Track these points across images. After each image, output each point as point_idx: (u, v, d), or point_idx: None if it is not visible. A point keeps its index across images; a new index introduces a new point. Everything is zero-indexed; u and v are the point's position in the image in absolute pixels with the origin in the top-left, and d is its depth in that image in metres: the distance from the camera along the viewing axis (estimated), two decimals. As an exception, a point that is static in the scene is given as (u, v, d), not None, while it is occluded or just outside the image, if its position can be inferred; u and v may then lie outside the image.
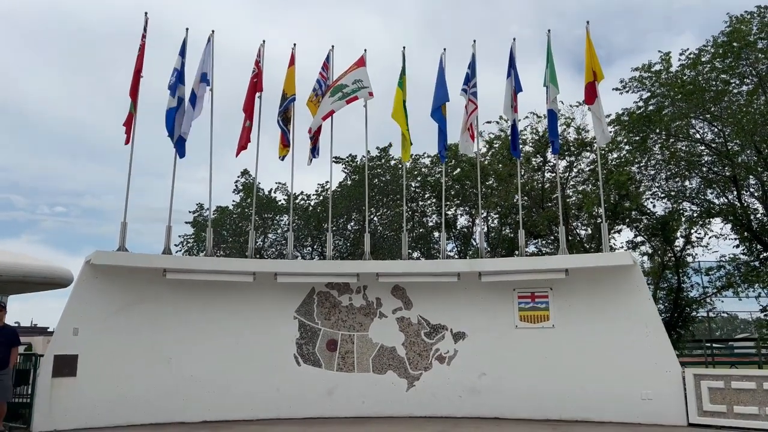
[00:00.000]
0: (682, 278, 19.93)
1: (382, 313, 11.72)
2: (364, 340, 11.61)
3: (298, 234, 23.77)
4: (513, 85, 12.01)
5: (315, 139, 12.08)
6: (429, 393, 11.29)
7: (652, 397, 10.16)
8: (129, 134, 10.77)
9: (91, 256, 10.16)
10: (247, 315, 11.26)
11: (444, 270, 11.40)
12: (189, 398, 10.62)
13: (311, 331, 11.56)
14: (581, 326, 10.89)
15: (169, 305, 10.82)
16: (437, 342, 11.56)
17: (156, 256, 10.64)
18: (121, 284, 10.44)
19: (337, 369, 11.43)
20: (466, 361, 11.36)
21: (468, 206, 22.26)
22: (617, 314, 10.67)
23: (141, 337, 10.52)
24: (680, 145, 18.62)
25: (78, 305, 10.12)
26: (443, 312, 11.64)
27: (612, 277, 10.71)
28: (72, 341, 9.97)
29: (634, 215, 19.38)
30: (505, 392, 11.01)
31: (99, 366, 10.08)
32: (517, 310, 11.38)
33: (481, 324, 11.46)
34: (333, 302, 11.74)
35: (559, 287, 11.16)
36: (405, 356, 11.53)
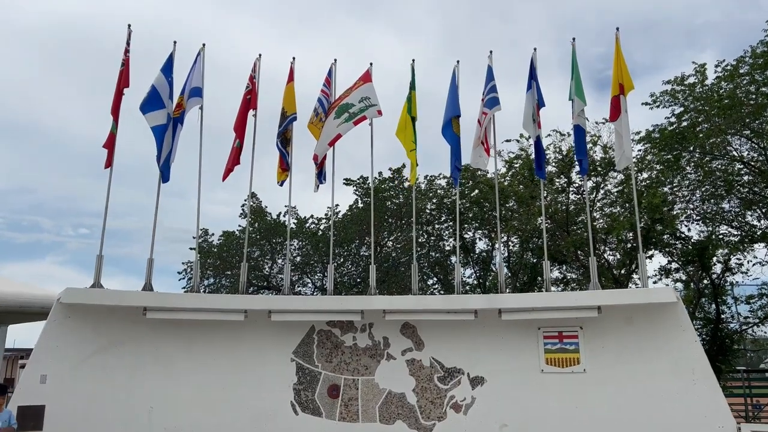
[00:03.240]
0: (720, 308, 18.36)
1: (390, 355, 10.46)
2: (369, 385, 10.34)
3: (308, 260, 22.66)
4: (535, 98, 10.82)
5: (321, 164, 10.98)
6: (443, 447, 9.96)
7: (703, 457, 8.73)
8: (110, 157, 9.77)
9: (62, 293, 9.10)
10: (238, 357, 10.08)
11: (459, 307, 10.13)
12: (171, 453, 9.43)
13: (310, 374, 10.33)
14: (616, 371, 9.52)
15: (149, 347, 9.69)
16: (452, 388, 10.24)
17: (134, 293, 9.54)
18: (96, 325, 9.36)
19: (340, 418, 10.16)
20: (485, 409, 10.02)
21: (487, 229, 20.98)
22: (658, 358, 9.29)
23: (118, 383, 9.39)
24: (716, 164, 17.21)
25: (48, 349, 9.05)
26: (459, 353, 10.34)
27: (652, 316, 9.36)
28: (39, 390, 8.89)
29: (667, 240, 17.94)
30: (530, 447, 9.64)
31: (69, 418, 8.96)
32: (543, 351, 10.05)
33: (501, 367, 10.13)
34: (335, 342, 10.51)
35: (590, 326, 9.81)
36: (416, 404, 10.22)
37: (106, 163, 9.72)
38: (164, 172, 10.00)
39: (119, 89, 9.92)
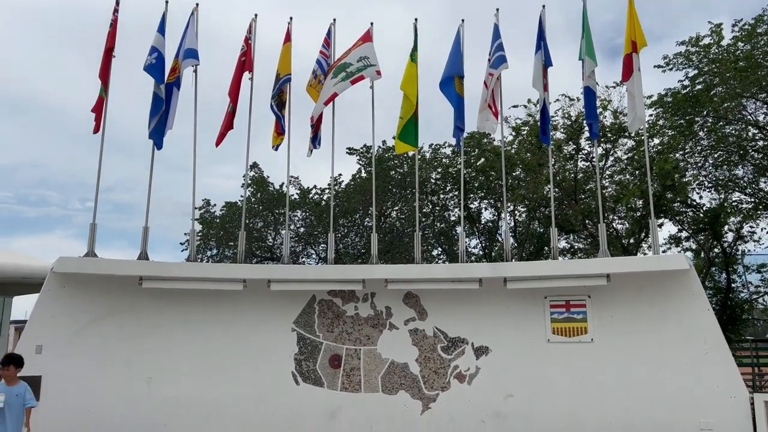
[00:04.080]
0: (731, 276, 18.01)
1: (393, 325, 10.22)
2: (372, 355, 10.13)
3: (311, 231, 22.40)
4: (543, 59, 10.35)
5: (316, 127, 10.58)
6: (446, 417, 9.77)
7: (713, 428, 8.49)
8: (99, 121, 9.43)
9: (55, 263, 8.86)
10: (237, 328, 9.88)
11: (463, 276, 9.84)
12: (171, 423, 9.30)
13: (312, 345, 10.12)
14: (625, 341, 9.24)
15: (147, 318, 9.49)
16: (456, 358, 10.02)
17: (128, 262, 9.30)
18: (91, 294, 9.14)
19: (342, 388, 9.98)
20: (489, 380, 9.81)
21: (493, 199, 20.59)
22: (669, 327, 9.00)
23: (115, 354, 9.22)
24: (730, 129, 16.68)
25: (42, 319, 8.86)
26: (463, 323, 10.09)
27: (663, 284, 9.04)
28: (35, 361, 8.69)
29: (678, 208, 17.52)
30: (535, 417, 9.44)
31: (66, 388, 8.82)
32: (549, 321, 9.77)
33: (506, 337, 9.89)
34: (336, 312, 10.28)
35: (599, 295, 9.51)
36: (419, 374, 10.02)
37: (94, 128, 9.38)
38: (156, 138, 9.65)
39: (107, 51, 9.52)
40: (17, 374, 7.17)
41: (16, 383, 7.09)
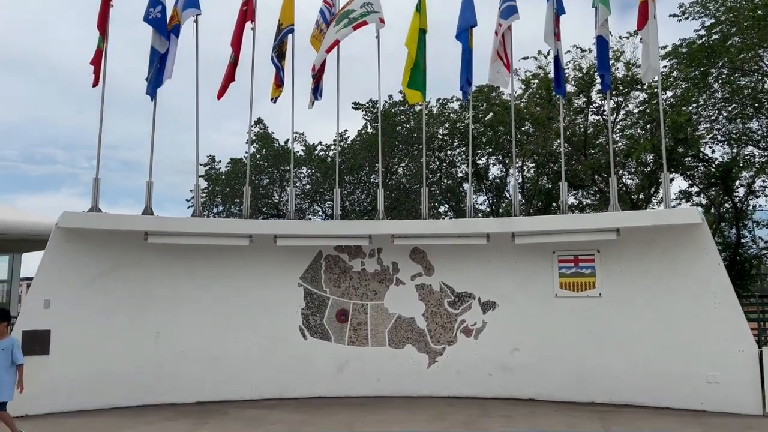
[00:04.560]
0: (741, 232, 17.79)
1: (399, 280, 10.19)
2: (378, 310, 10.14)
3: (317, 188, 22.24)
4: (554, 7, 9.97)
5: (318, 78, 10.32)
6: (453, 370, 9.84)
7: (720, 381, 8.49)
8: (98, 74, 9.21)
9: (60, 218, 8.80)
10: (244, 283, 9.87)
11: (471, 231, 9.74)
12: (179, 377, 9.39)
13: (319, 300, 10.13)
14: (634, 295, 9.18)
15: (153, 273, 9.47)
16: (463, 312, 10.01)
17: (133, 217, 9.22)
18: (97, 250, 9.10)
19: (349, 343, 10.04)
20: (496, 334, 9.83)
21: (501, 155, 20.29)
22: (679, 282, 8.90)
23: (123, 309, 9.23)
24: (745, 81, 16.19)
25: (49, 274, 8.83)
26: (470, 278, 10.05)
27: (674, 238, 8.90)
28: (43, 315, 8.73)
29: (689, 162, 17.20)
30: (541, 371, 9.48)
31: (75, 342, 8.86)
32: (557, 276, 9.71)
33: (513, 292, 9.85)
34: (343, 267, 10.24)
35: (608, 250, 9.40)
36: (426, 328, 10.04)
37: (93, 81, 9.17)
38: (151, 89, 9.41)
39: (105, 1, 9.22)
40: (5, 329, 6.91)
41: (4, 337, 6.89)
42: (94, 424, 7.82)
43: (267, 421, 8.07)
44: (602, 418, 8.06)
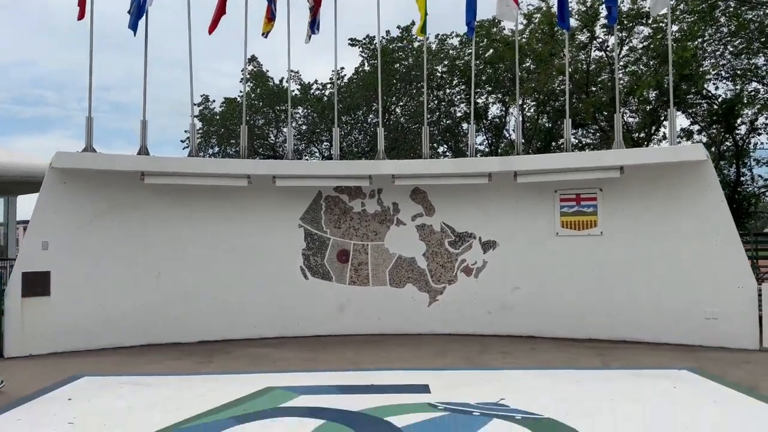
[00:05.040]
0: (741, 170, 17.72)
1: (400, 220, 10.13)
2: (379, 250, 10.12)
3: (314, 128, 21.91)
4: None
5: (315, 11, 9.91)
6: (454, 309, 9.92)
7: (718, 317, 8.57)
8: (84, 6, 8.79)
9: (53, 158, 8.61)
10: (244, 224, 9.79)
11: (472, 170, 9.60)
12: (182, 317, 9.43)
13: (319, 240, 10.09)
14: (636, 234, 9.15)
15: (151, 214, 9.36)
16: (463, 252, 10.00)
17: (129, 157, 9.03)
18: (93, 191, 8.95)
19: (350, 282, 10.07)
20: (496, 273, 9.86)
21: (500, 93, 19.92)
22: (681, 220, 8.86)
23: (122, 250, 9.17)
24: (753, 14, 15.73)
25: (45, 216, 8.71)
26: (470, 218, 9.99)
27: (678, 176, 8.80)
28: (42, 256, 8.67)
29: (692, 99, 16.93)
30: (541, 308, 9.56)
31: (76, 283, 8.84)
32: (559, 214, 9.65)
33: (514, 231, 9.82)
34: (343, 208, 10.15)
35: (610, 188, 9.31)
36: (426, 268, 10.05)
37: (79, 13, 8.76)
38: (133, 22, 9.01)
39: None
40: None
41: None
42: (100, 363, 7.89)
43: (271, 359, 8.17)
44: (601, 354, 8.18)
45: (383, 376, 6.79)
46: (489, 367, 7.44)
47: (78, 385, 6.54)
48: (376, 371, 7.12)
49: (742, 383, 6.33)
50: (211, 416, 5.21)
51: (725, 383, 6.29)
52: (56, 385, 6.50)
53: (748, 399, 5.69)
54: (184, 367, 7.63)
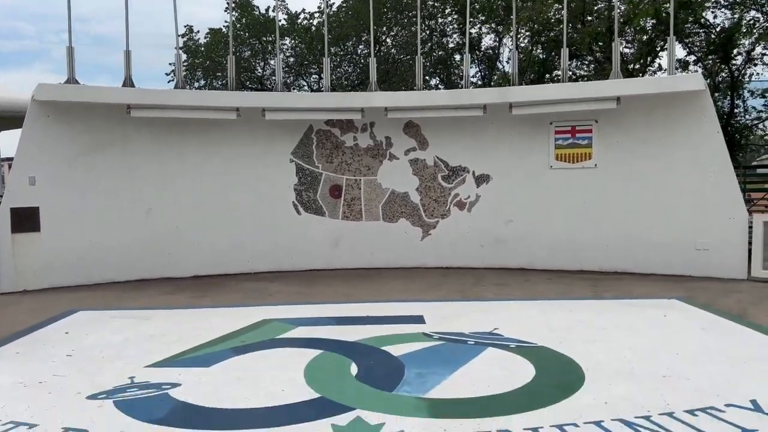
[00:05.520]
0: (735, 102, 17.57)
1: (393, 155, 10.00)
2: (372, 185, 10.04)
3: (302, 60, 21.34)
4: None
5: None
6: (446, 242, 9.95)
7: (709, 247, 8.66)
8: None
9: (35, 90, 8.31)
10: (234, 158, 9.63)
11: (467, 102, 9.40)
12: (174, 252, 9.40)
13: (311, 175, 9.97)
14: (630, 166, 9.11)
15: (139, 149, 9.16)
16: (457, 186, 9.95)
17: (114, 89, 8.74)
18: (78, 125, 8.70)
19: (343, 218, 10.03)
20: (489, 207, 9.84)
21: (494, 23, 19.37)
22: (676, 151, 8.81)
23: (110, 185, 9.02)
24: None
25: (31, 150, 8.51)
26: (464, 152, 9.88)
27: (675, 106, 8.68)
28: (30, 192, 8.52)
29: (689, 29, 16.55)
30: (533, 241, 9.62)
31: (66, 219, 8.74)
32: (554, 147, 9.56)
33: (508, 165, 9.74)
34: (335, 143, 9.98)
35: (606, 119, 9.19)
36: (419, 203, 10.01)
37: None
38: None
39: None
40: None
41: None
42: (93, 298, 7.90)
43: (266, 293, 8.21)
44: (593, 285, 8.29)
45: (378, 307, 6.85)
46: (482, 299, 7.53)
47: (73, 320, 6.55)
48: (370, 303, 7.18)
49: (731, 311, 6.45)
50: (210, 348, 5.25)
51: (714, 311, 6.41)
52: (52, 319, 6.51)
53: (735, 326, 5.81)
54: (178, 302, 7.65)
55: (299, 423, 3.54)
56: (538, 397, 3.94)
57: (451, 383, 4.22)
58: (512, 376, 4.34)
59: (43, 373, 4.57)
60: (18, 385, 4.33)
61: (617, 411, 3.64)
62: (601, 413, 3.61)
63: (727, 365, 4.54)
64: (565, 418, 3.54)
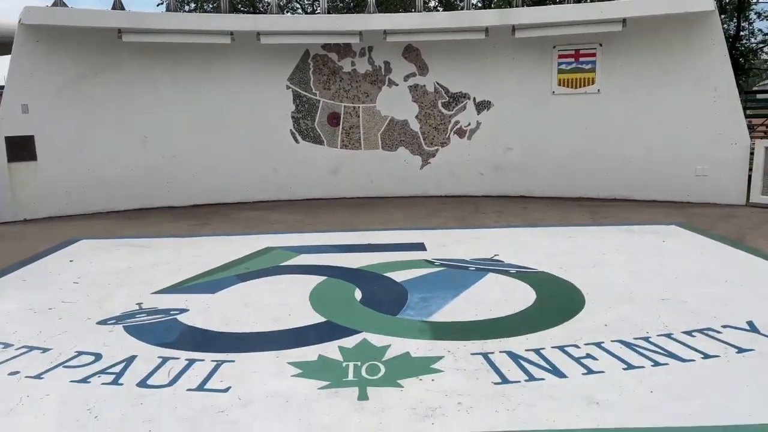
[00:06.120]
0: (741, 24, 17.11)
1: (392, 81, 9.79)
2: (371, 112, 9.88)
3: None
4: None
5: None
6: (446, 170, 9.91)
7: (708, 173, 8.67)
8: None
9: (22, 14, 8.01)
10: (230, 85, 9.42)
11: (469, 24, 9.10)
12: (173, 181, 9.37)
13: (308, 102, 9.79)
14: (633, 90, 8.96)
15: (133, 75, 8.95)
16: (457, 113, 9.80)
17: (103, 12, 8.44)
18: (69, 51, 8.46)
19: (341, 146, 9.93)
20: (489, 134, 9.75)
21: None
22: (681, 75, 8.64)
23: (105, 113, 8.87)
24: None
25: (21, 77, 8.30)
26: (465, 78, 9.67)
27: (682, 29, 8.45)
28: (23, 120, 8.38)
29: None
30: (533, 168, 9.59)
31: (61, 147, 8.64)
32: (556, 72, 9.36)
33: (510, 91, 9.56)
34: (332, 68, 9.74)
35: (610, 43, 8.96)
36: (419, 130, 9.89)
37: None
38: None
39: None
40: None
41: None
42: (94, 226, 7.92)
43: (266, 221, 8.24)
44: (592, 211, 8.33)
45: (379, 235, 6.89)
46: (482, 226, 7.56)
47: (77, 248, 6.59)
48: (371, 231, 7.22)
49: (729, 236, 6.52)
50: (215, 275, 5.31)
51: (712, 236, 6.47)
52: (55, 248, 6.55)
53: (733, 250, 5.88)
54: (180, 230, 7.68)
55: (307, 345, 3.62)
56: (539, 320, 4.02)
57: (453, 307, 4.30)
58: (514, 300, 4.42)
59: (52, 300, 4.63)
60: (28, 311, 4.39)
61: (617, 333, 3.73)
62: (601, 335, 3.70)
63: (725, 288, 4.63)
64: (566, 340, 3.63)
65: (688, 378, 3.10)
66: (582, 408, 2.80)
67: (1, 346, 3.72)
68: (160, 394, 3.02)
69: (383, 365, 3.31)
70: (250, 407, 2.86)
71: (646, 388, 2.98)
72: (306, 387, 3.06)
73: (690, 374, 3.14)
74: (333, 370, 3.26)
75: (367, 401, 2.89)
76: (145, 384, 3.13)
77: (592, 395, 2.91)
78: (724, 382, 3.05)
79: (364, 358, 3.41)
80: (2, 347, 3.69)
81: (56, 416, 2.81)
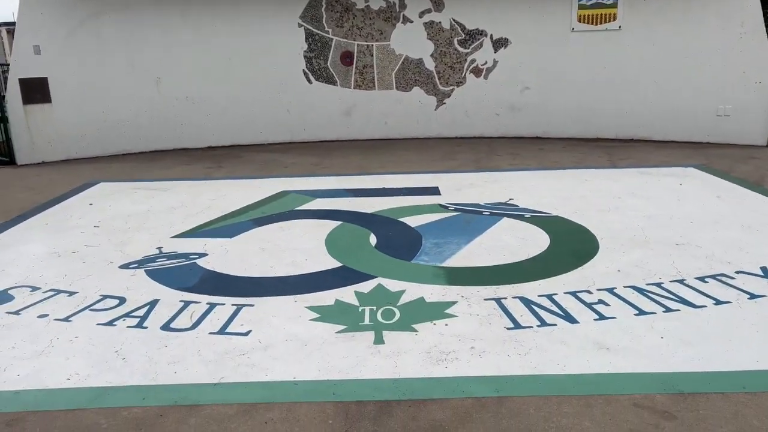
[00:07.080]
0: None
1: (407, 18, 9.52)
2: (385, 51, 9.67)
3: None
4: None
5: None
6: (461, 111, 9.78)
7: (731, 113, 8.49)
8: None
9: (26, -48, 7.84)
10: (241, 24, 9.23)
11: (486, -43, 8.76)
12: (188, 123, 9.37)
13: (321, 41, 9.59)
14: (656, 27, 8.67)
15: (145, 16, 8.80)
16: (473, 52, 9.57)
17: (110, -50, 8.22)
18: (76, -11, 8.30)
19: (355, 86, 9.79)
20: (506, 73, 9.54)
21: None
22: (706, 10, 8.33)
23: (117, 54, 8.80)
24: None
25: (32, 18, 8.21)
26: (482, 14, 9.38)
27: (711, -39, 8.07)
28: (36, 62, 8.35)
29: None
30: (550, 108, 9.43)
31: (76, 89, 8.64)
32: (576, 7, 9.05)
33: (528, 28, 9.29)
34: (345, 5, 9.48)
35: (635, -24, 8.61)
36: (434, 70, 9.70)
37: None
38: None
39: None
40: None
41: None
42: (111, 169, 8.00)
43: (280, 164, 8.25)
44: (609, 153, 8.22)
45: (394, 179, 6.90)
46: (497, 169, 7.51)
47: (95, 191, 6.68)
48: (385, 175, 7.22)
49: (748, 179, 6.44)
50: (232, 219, 5.39)
51: (731, 179, 6.40)
52: (74, 191, 6.65)
53: (751, 193, 5.83)
54: (195, 173, 7.73)
55: (324, 290, 3.71)
56: (552, 265, 4.06)
57: (467, 252, 4.35)
58: (527, 246, 4.46)
59: (75, 244, 4.75)
60: (53, 255, 4.52)
61: (630, 278, 3.76)
62: (614, 280, 3.74)
63: (740, 233, 4.62)
64: (579, 286, 3.68)
65: (699, 324, 3.14)
66: (593, 353, 2.87)
67: (30, 289, 3.85)
68: (183, 337, 3.13)
69: (398, 310, 3.39)
70: (270, 350, 2.97)
71: (656, 333, 3.04)
72: (323, 331, 3.16)
73: (701, 320, 3.19)
74: (349, 314, 3.35)
75: (383, 345, 2.98)
76: (168, 327, 3.25)
77: (603, 341, 2.98)
78: (734, 329, 3.09)
79: (380, 302, 3.49)
80: (30, 290, 3.82)
81: (86, 358, 2.94)
